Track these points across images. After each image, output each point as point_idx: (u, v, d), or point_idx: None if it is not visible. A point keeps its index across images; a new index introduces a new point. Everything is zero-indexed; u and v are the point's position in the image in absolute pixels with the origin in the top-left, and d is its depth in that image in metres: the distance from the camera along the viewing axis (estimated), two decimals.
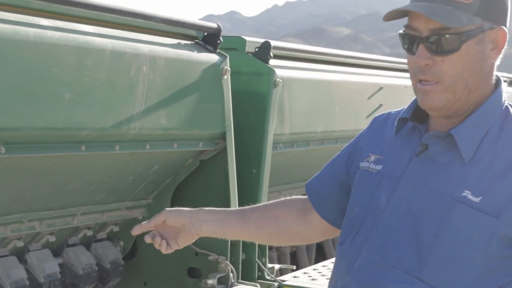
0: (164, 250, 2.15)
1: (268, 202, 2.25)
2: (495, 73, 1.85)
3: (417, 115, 1.92)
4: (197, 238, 2.17)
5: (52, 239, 3.23)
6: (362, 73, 5.02)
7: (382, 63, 5.47)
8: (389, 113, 2.08)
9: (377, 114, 5.16)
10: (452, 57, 1.74)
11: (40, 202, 3.03)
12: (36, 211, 3.04)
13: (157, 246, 2.15)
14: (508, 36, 1.80)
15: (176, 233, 2.16)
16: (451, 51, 1.73)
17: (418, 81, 1.79)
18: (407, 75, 5.89)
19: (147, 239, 2.14)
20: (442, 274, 1.73)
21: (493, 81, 1.84)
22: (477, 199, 1.71)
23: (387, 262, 1.81)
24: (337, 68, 4.75)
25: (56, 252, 3.33)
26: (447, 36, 1.72)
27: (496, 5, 1.76)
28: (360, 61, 5.14)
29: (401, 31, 1.81)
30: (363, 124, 4.84)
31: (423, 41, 1.75)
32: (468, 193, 1.73)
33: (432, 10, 1.72)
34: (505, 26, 1.80)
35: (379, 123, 2.08)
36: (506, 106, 1.84)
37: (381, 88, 5.04)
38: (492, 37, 1.76)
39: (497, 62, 1.84)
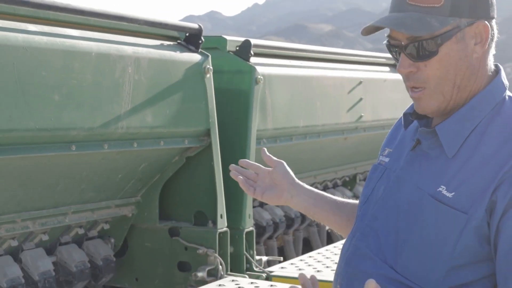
0: (246, 189, 2.14)
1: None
2: (492, 63, 1.84)
3: None
4: (283, 204, 2.17)
5: (45, 238, 3.32)
6: (342, 68, 5.13)
7: (361, 58, 5.58)
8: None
9: (357, 107, 5.30)
10: (433, 61, 1.75)
11: (32, 201, 3.12)
12: (29, 210, 3.13)
13: (243, 186, 2.14)
14: (490, 27, 1.77)
15: (269, 186, 2.16)
16: (430, 56, 1.75)
17: (410, 89, 1.82)
18: (386, 69, 6.00)
19: (235, 176, 2.16)
20: (412, 266, 1.78)
21: (489, 73, 1.84)
22: (450, 195, 1.74)
23: (370, 251, 1.86)
24: (316, 64, 4.85)
25: (49, 250, 3.42)
26: (423, 42, 1.74)
27: (469, 1, 1.76)
28: (338, 56, 5.25)
29: (385, 42, 1.84)
30: (344, 118, 4.99)
31: (403, 50, 1.78)
32: (443, 188, 1.75)
33: (400, 21, 1.75)
34: (488, 17, 1.79)
35: (401, 119, 2.08)
36: (504, 98, 1.83)
37: (360, 82, 5.15)
38: (473, 32, 1.77)
39: (493, 51, 1.84)
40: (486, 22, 1.79)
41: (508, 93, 1.86)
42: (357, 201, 2.15)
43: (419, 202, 1.79)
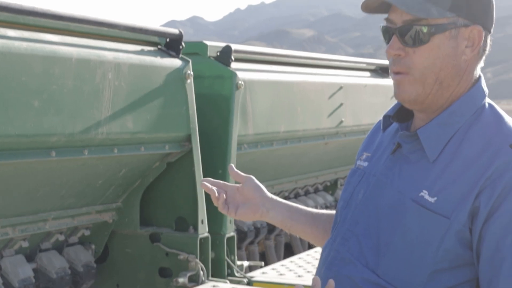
0: (222, 207, 2.07)
1: (333, 212, 2.20)
2: (477, 73, 1.86)
3: (402, 113, 1.95)
4: (258, 219, 2.12)
5: (25, 244, 3.30)
6: (322, 74, 5.15)
7: (341, 63, 5.60)
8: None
9: (337, 113, 5.31)
10: (422, 49, 1.77)
11: (12, 208, 3.10)
12: (8, 217, 3.11)
13: (215, 201, 2.06)
14: (484, 35, 1.79)
15: (241, 202, 2.09)
16: (420, 42, 1.76)
17: (393, 73, 1.83)
18: (367, 74, 6.02)
19: (206, 188, 2.04)
20: (394, 270, 1.78)
21: (473, 80, 1.85)
22: (432, 199, 1.74)
23: (351, 255, 1.86)
24: (297, 69, 4.87)
25: (29, 257, 3.40)
26: (417, 27, 1.76)
27: (472, 3, 1.79)
28: (319, 61, 5.27)
29: (381, 25, 1.86)
30: (325, 123, 5.01)
31: (396, 32, 1.79)
32: (425, 193, 1.76)
33: (403, 1, 1.76)
34: (485, 25, 1.81)
35: (378, 124, 2.10)
36: (483, 105, 1.84)
37: (341, 88, 5.17)
38: (467, 35, 1.79)
39: (481, 64, 1.86)
40: (482, 28, 1.80)
41: (487, 99, 1.87)
42: (332, 212, 2.15)
43: (400, 206, 1.79)
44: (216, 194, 2.05)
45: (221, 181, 2.11)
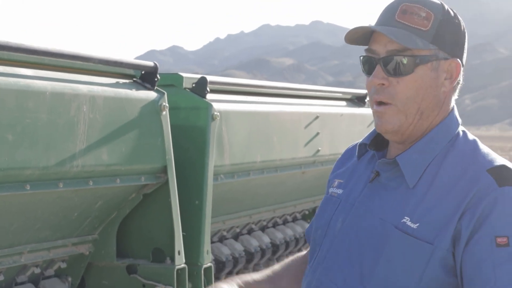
0: None
1: (291, 262, 2.21)
2: (452, 104, 1.93)
3: (377, 141, 2.01)
4: None
5: (0, 278, 3.28)
6: (298, 103, 5.19)
7: (317, 93, 5.65)
8: (358, 142, 2.13)
9: (314, 142, 5.34)
10: (406, 79, 1.83)
11: None
12: None
13: None
14: (462, 67, 1.88)
15: None
16: (405, 73, 1.82)
17: (375, 103, 1.88)
18: (343, 103, 6.05)
19: None
20: None
21: (449, 110, 1.92)
22: (414, 226, 1.78)
23: (335, 284, 1.88)
24: (273, 99, 4.91)
25: None
26: (402, 58, 1.82)
27: (451, 37, 1.86)
28: (294, 91, 5.31)
29: (361, 56, 1.92)
30: (301, 152, 5.04)
31: (380, 62, 1.85)
32: (407, 220, 1.80)
33: (391, 31, 1.83)
34: (461, 59, 1.89)
35: (348, 152, 2.15)
36: (458, 133, 1.91)
37: (317, 117, 5.21)
38: (446, 67, 1.86)
39: (455, 96, 1.94)
40: (459, 61, 1.88)
41: (461, 127, 1.93)
42: (290, 265, 2.16)
43: (383, 233, 1.83)
44: None
45: None
